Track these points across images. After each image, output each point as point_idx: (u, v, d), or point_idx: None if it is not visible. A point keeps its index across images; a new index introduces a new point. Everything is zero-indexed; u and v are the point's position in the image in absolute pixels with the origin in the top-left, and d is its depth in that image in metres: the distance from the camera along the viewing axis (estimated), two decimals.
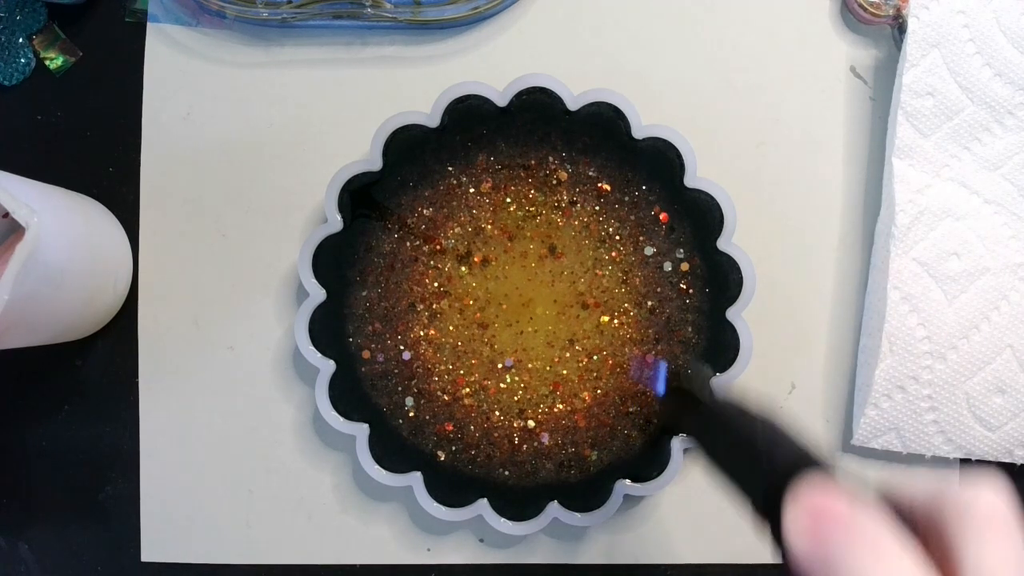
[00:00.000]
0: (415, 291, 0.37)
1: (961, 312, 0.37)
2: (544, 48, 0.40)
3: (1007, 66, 0.37)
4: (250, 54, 0.40)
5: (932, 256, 0.37)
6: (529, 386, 0.37)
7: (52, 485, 0.39)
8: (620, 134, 0.37)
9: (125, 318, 0.39)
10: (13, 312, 0.30)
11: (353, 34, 0.40)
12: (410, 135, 0.36)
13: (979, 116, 0.37)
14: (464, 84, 0.36)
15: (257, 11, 0.38)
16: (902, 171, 0.37)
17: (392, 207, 0.37)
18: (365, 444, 0.36)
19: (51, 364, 0.39)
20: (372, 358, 0.37)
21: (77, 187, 0.39)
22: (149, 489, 0.39)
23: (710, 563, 0.39)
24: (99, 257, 0.37)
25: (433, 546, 0.39)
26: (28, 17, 0.39)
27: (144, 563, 0.39)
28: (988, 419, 0.37)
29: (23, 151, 0.40)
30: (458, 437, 0.37)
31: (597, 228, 0.38)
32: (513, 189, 0.38)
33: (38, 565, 0.39)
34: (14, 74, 0.39)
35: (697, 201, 0.37)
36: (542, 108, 0.37)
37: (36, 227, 0.30)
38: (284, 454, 0.39)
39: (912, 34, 0.36)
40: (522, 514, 0.36)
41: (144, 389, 0.39)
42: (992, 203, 0.37)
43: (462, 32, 0.40)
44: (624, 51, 0.40)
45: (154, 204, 0.39)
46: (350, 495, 0.39)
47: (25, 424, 0.39)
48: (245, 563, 0.39)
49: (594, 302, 0.37)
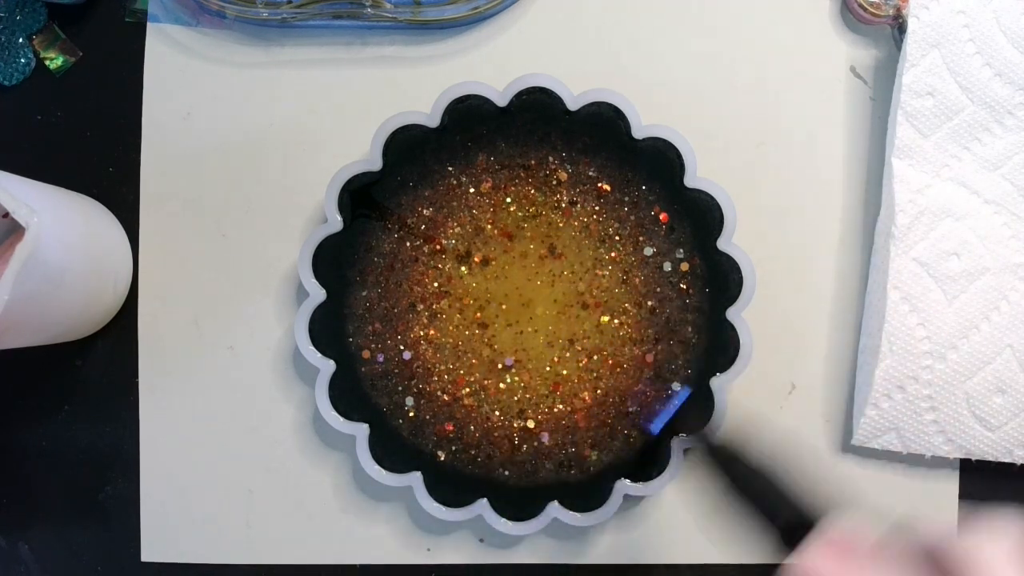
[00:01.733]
0: (415, 291, 0.37)
1: (961, 312, 0.37)
2: (544, 48, 0.40)
3: (1007, 66, 0.37)
4: (250, 54, 0.40)
5: (932, 256, 0.37)
6: (529, 386, 0.37)
7: (52, 485, 0.39)
8: (620, 134, 0.37)
9: (125, 318, 0.39)
10: (13, 312, 0.30)
11: (353, 34, 0.40)
12: (410, 135, 0.36)
13: (979, 116, 0.37)
14: (464, 84, 0.36)
15: (257, 11, 0.38)
16: (902, 171, 0.37)
17: (392, 207, 0.37)
18: (365, 444, 0.36)
19: (51, 364, 0.39)
20: (372, 358, 0.37)
21: (77, 187, 0.39)
22: (149, 489, 0.39)
23: (710, 563, 0.39)
24: (99, 257, 0.37)
25: (433, 546, 0.39)
26: (28, 17, 0.39)
27: (144, 563, 0.39)
28: (988, 419, 0.37)
29: (23, 151, 0.40)
30: (458, 437, 0.37)
31: (597, 228, 0.38)
32: (513, 189, 0.38)
33: (38, 565, 0.39)
34: (14, 74, 0.39)
35: (697, 201, 0.37)
36: (542, 108, 0.37)
37: (36, 227, 0.30)
38: (284, 454, 0.39)
39: (912, 34, 0.36)
40: (522, 514, 0.36)
41: (144, 389, 0.39)
42: (992, 203, 0.37)
43: (462, 32, 0.40)
44: (624, 51, 0.40)
45: (154, 204, 0.39)
46: (350, 495, 0.39)
47: (25, 424, 0.39)
48: (245, 563, 0.39)
49: (594, 302, 0.37)
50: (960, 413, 0.37)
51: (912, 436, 0.37)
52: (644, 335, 0.37)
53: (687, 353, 0.37)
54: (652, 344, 0.37)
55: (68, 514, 0.39)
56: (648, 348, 0.37)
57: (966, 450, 0.37)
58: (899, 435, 0.37)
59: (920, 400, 0.37)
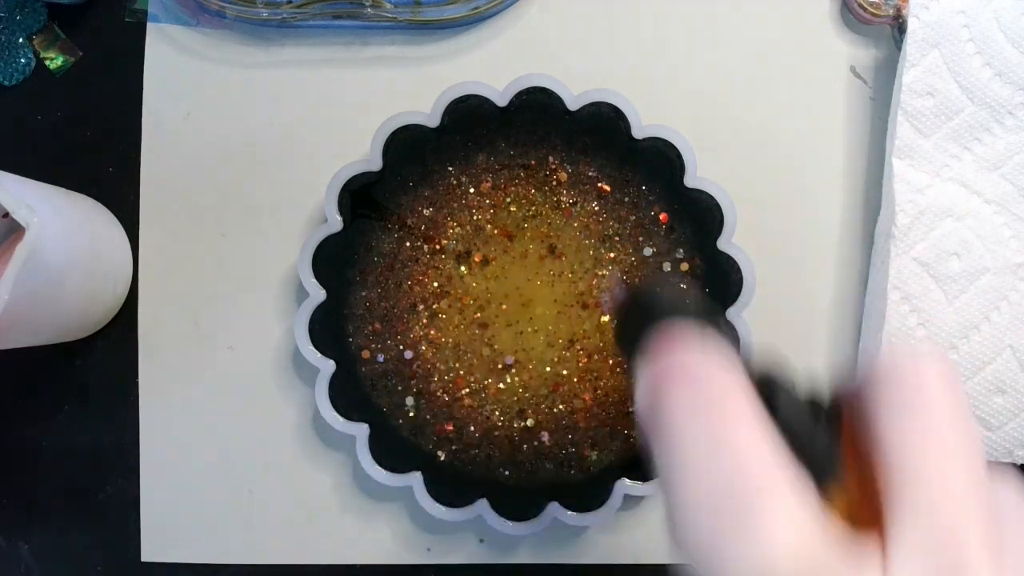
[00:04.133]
0: (415, 291, 0.37)
1: (961, 312, 0.37)
2: (544, 48, 0.40)
3: (1007, 66, 0.37)
4: (250, 54, 0.40)
5: (932, 256, 0.37)
6: (529, 386, 0.37)
7: (52, 485, 0.39)
8: (620, 134, 0.37)
9: (125, 318, 0.39)
10: (13, 312, 0.30)
11: (353, 34, 0.40)
12: (410, 135, 0.36)
13: (979, 116, 0.37)
14: (464, 84, 0.36)
15: (257, 11, 0.38)
16: (902, 171, 0.37)
17: (392, 207, 0.37)
18: (365, 444, 0.36)
19: (51, 364, 0.39)
20: (372, 358, 0.37)
21: (77, 187, 0.39)
22: (149, 489, 0.39)
23: None
24: (99, 257, 0.37)
25: (433, 546, 0.39)
26: (28, 17, 0.39)
27: (144, 563, 0.39)
28: (988, 419, 0.37)
29: (23, 151, 0.40)
30: (458, 437, 0.37)
31: (597, 228, 0.38)
32: (513, 189, 0.38)
33: (38, 565, 0.39)
34: (14, 74, 0.39)
35: (697, 201, 0.37)
36: (542, 108, 0.37)
37: (36, 227, 0.30)
38: (284, 454, 0.39)
39: (912, 34, 0.36)
40: (522, 514, 0.36)
41: (144, 389, 0.39)
42: (992, 203, 0.37)
43: (462, 32, 0.40)
44: (624, 51, 0.40)
45: (154, 204, 0.39)
46: (350, 495, 0.39)
47: (25, 424, 0.39)
48: (245, 563, 0.39)
49: (594, 302, 0.37)
50: None
51: None
52: None
53: None
54: None
55: (68, 514, 0.39)
56: None
57: None
58: None
59: None
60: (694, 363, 0.17)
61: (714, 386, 0.17)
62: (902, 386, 0.17)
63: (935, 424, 0.16)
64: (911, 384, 0.17)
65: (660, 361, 0.18)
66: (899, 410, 0.17)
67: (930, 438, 0.16)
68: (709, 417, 0.16)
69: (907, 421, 0.16)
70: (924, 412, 0.16)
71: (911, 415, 0.16)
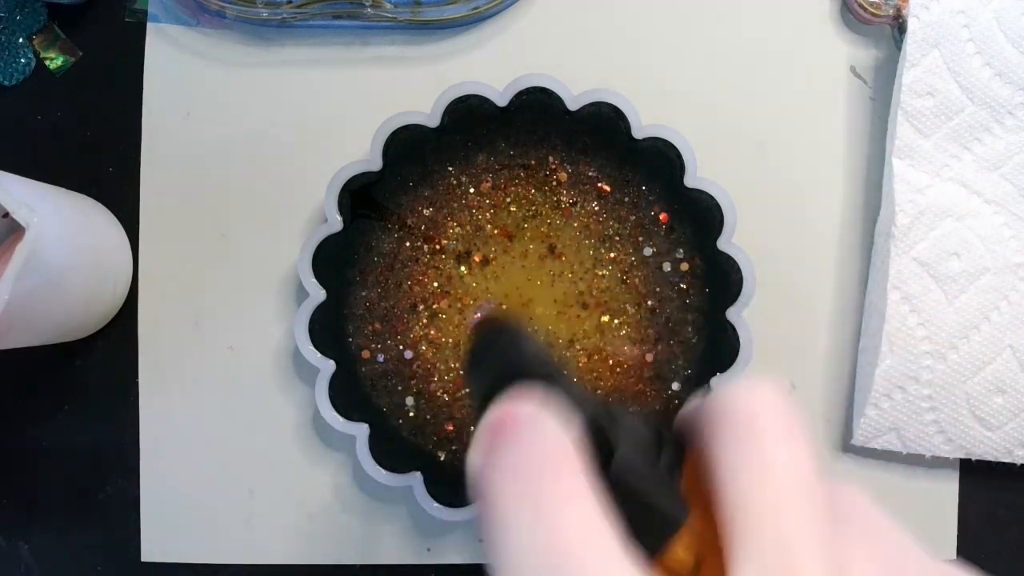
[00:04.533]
0: (415, 291, 0.37)
1: (961, 312, 0.37)
2: (544, 48, 0.40)
3: (1007, 66, 0.37)
4: (250, 54, 0.40)
5: (932, 256, 0.37)
6: None
7: (52, 485, 0.39)
8: (620, 134, 0.37)
9: (125, 318, 0.39)
10: (13, 312, 0.30)
11: (353, 34, 0.40)
12: (410, 135, 0.36)
13: (979, 116, 0.37)
14: (464, 84, 0.36)
15: (257, 11, 0.38)
16: (902, 171, 0.37)
17: (392, 207, 0.37)
18: (365, 444, 0.36)
19: (51, 364, 0.39)
20: (372, 358, 0.37)
21: (77, 187, 0.39)
22: (149, 489, 0.39)
23: None
24: (99, 257, 0.37)
25: (433, 546, 0.39)
26: (28, 17, 0.39)
27: (144, 563, 0.39)
28: (988, 419, 0.37)
29: (23, 151, 0.40)
30: (458, 437, 0.37)
31: (597, 228, 0.38)
32: (513, 189, 0.38)
33: (38, 565, 0.39)
34: (14, 74, 0.39)
35: (697, 201, 0.37)
36: (542, 108, 0.36)
37: (36, 227, 0.30)
38: (284, 454, 0.39)
39: (912, 34, 0.36)
40: None
41: (144, 389, 0.39)
42: (992, 203, 0.37)
43: (462, 32, 0.40)
44: (624, 51, 0.40)
45: (154, 204, 0.39)
46: (350, 495, 0.39)
47: (25, 424, 0.39)
48: (245, 563, 0.39)
49: (594, 302, 0.37)
50: (960, 413, 0.37)
51: (912, 436, 0.37)
52: (644, 335, 0.37)
53: (687, 353, 0.37)
54: (652, 344, 0.37)
55: (68, 514, 0.39)
56: (648, 348, 0.37)
57: (966, 450, 0.37)
58: (899, 435, 0.37)
59: (920, 400, 0.37)
60: (527, 420, 0.17)
61: (546, 446, 0.16)
62: (731, 416, 0.17)
63: (763, 450, 0.16)
64: (741, 412, 0.17)
65: (495, 414, 0.17)
66: (728, 439, 0.17)
67: (756, 464, 0.16)
68: (529, 484, 0.16)
69: (736, 449, 0.16)
70: (751, 440, 0.16)
71: (738, 442, 0.16)
